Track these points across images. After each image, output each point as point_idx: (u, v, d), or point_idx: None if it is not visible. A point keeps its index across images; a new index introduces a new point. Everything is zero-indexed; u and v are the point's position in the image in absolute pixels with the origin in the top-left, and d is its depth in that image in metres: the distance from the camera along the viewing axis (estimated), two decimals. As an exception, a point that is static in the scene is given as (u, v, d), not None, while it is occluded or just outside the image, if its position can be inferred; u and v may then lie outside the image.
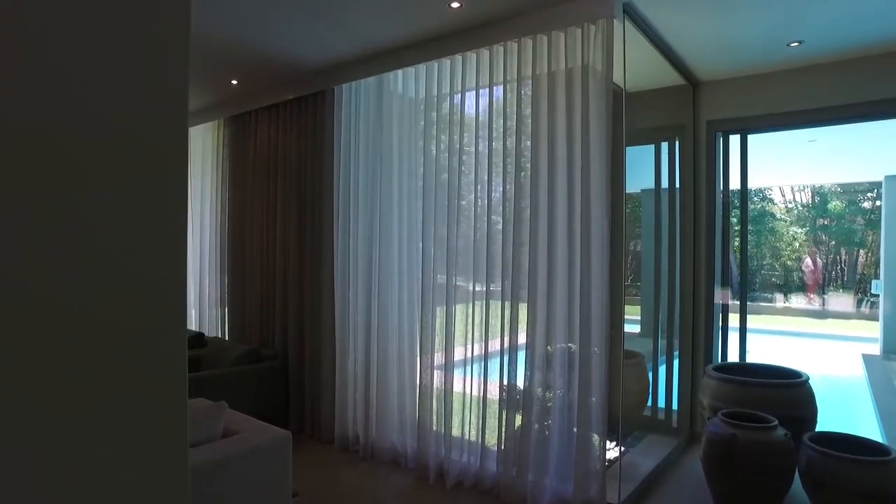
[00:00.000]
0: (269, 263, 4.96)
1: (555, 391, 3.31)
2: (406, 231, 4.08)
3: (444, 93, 3.82)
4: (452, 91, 3.76)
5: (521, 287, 3.42)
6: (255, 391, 4.47)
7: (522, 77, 3.40)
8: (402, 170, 4.10)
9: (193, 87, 4.79)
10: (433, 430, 3.79)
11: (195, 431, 2.64)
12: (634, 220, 8.02)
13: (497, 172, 3.58)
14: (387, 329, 4.10)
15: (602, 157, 3.13)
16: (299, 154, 4.67)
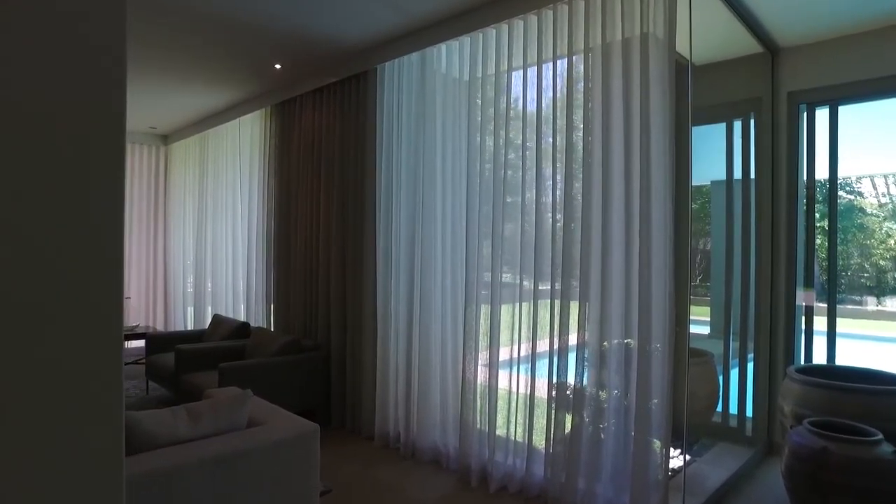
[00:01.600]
0: (313, 256, 4.84)
1: (610, 390, 2.97)
2: (450, 225, 3.84)
3: (489, 73, 3.56)
4: (498, 71, 3.49)
5: (571, 278, 3.11)
6: (297, 382, 4.35)
7: (573, 51, 3.09)
8: (446, 160, 3.86)
9: (237, 74, 4.75)
10: (476, 429, 3.53)
11: (217, 420, 2.50)
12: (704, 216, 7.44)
13: (546, 161, 3.28)
14: (429, 323, 3.87)
15: (664, 140, 2.78)
16: (342, 141, 4.52)
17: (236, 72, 4.72)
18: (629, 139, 2.89)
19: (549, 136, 3.26)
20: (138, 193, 7.21)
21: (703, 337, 5.91)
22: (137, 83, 5.11)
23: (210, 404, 2.54)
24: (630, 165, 2.89)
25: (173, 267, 7.25)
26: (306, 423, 2.69)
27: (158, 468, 2.17)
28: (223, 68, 4.64)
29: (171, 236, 7.33)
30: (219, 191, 6.31)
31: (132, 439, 2.32)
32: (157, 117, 6.41)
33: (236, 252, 5.99)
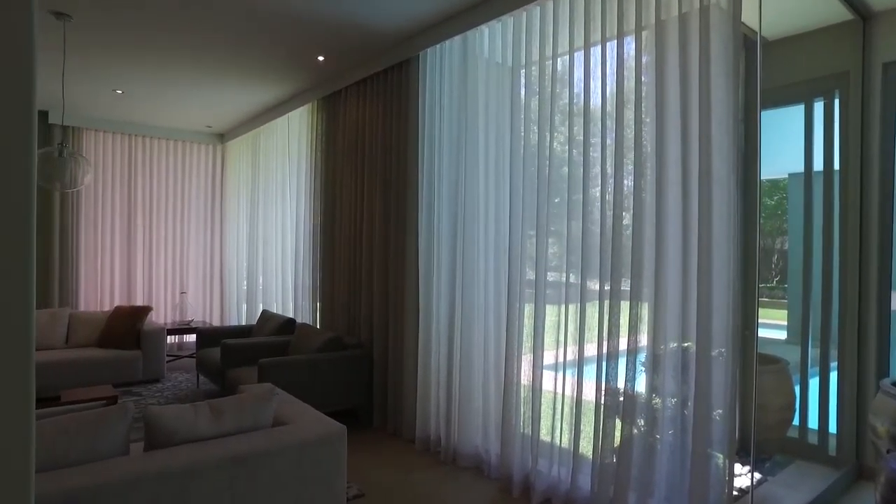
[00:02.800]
0: (356, 252, 4.74)
1: (666, 398, 2.67)
2: (493, 221, 3.63)
3: (533, 59, 3.32)
4: (542, 56, 3.25)
5: (622, 278, 2.84)
6: (338, 380, 4.25)
7: (624, 32, 2.81)
8: (489, 152, 3.65)
9: (282, 67, 4.71)
10: (519, 435, 3.30)
11: (241, 418, 2.40)
12: (781, 212, 6.84)
13: (595, 153, 3.00)
14: (471, 322, 3.67)
15: (728, 126, 2.47)
16: (384, 133, 4.39)
17: (281, 65, 4.68)
18: (687, 127, 2.59)
19: (597, 126, 2.99)
20: (196, 191, 7.39)
21: (778, 342, 5.38)
22: (191, 82, 5.19)
23: (234, 401, 2.44)
24: (688, 157, 2.58)
25: (229, 263, 7.39)
26: (333, 423, 2.55)
27: (172, 466, 2.07)
28: (268, 61, 4.62)
29: (226, 233, 7.47)
30: (269, 188, 6.35)
31: (151, 434, 2.24)
32: (212, 116, 6.52)
33: (285, 248, 6.00)
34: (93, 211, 6.65)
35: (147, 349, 5.51)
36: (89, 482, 1.93)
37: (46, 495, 1.84)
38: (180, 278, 7.26)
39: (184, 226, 7.28)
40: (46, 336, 5.33)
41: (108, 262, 6.77)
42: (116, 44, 4.26)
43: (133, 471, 2.01)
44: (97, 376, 5.20)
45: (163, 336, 5.61)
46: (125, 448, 2.20)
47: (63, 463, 2.03)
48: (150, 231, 7.02)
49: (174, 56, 4.49)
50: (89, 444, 2.08)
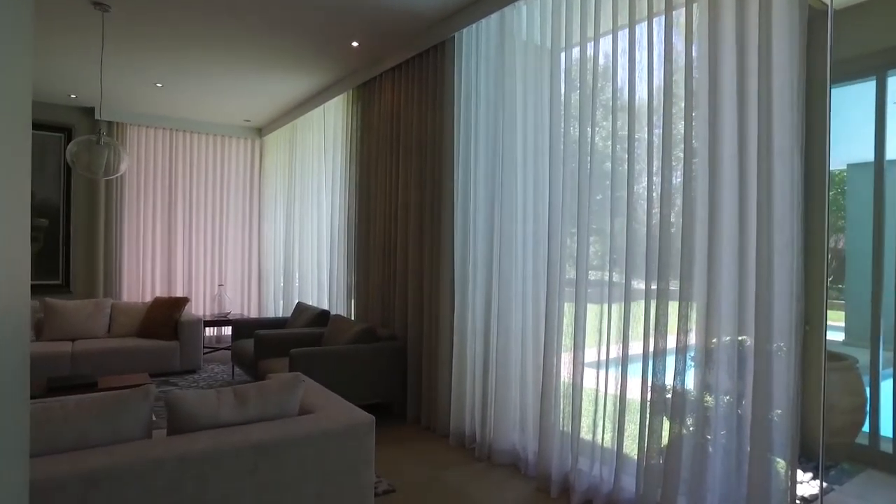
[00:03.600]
0: (390, 242, 4.64)
1: (719, 396, 2.45)
2: (531, 214, 3.45)
3: (573, 40, 3.14)
4: (583, 37, 3.06)
5: (670, 275, 2.64)
6: (372, 373, 4.15)
7: (672, 5, 2.60)
8: (527, 141, 3.48)
9: (316, 54, 4.64)
10: (559, 432, 3.13)
11: (265, 405, 2.31)
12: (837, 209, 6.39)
13: (641, 146, 2.80)
14: (508, 315, 3.50)
15: (791, 109, 2.24)
16: (419, 122, 4.27)
17: (315, 52, 4.62)
18: (744, 116, 2.37)
19: (642, 119, 2.79)
20: (234, 186, 7.45)
21: (835, 343, 5.01)
22: (228, 72, 5.19)
23: (258, 388, 2.35)
24: (745, 147, 2.37)
25: (266, 257, 7.42)
26: (361, 413, 2.43)
27: (192, 451, 1.99)
28: (302, 49, 4.56)
29: (264, 226, 7.51)
30: (305, 180, 6.33)
31: (173, 419, 2.17)
32: (250, 109, 6.55)
33: (321, 241, 5.96)
34: (135, 205, 6.77)
35: (184, 340, 5.55)
36: (108, 464, 1.86)
37: (64, 475, 1.78)
38: (219, 271, 7.33)
39: (223, 219, 7.35)
40: (89, 325, 5.43)
41: (150, 255, 6.88)
42: (154, 35, 4.27)
43: (152, 454, 1.93)
44: (136, 365, 5.26)
45: (199, 327, 5.64)
46: (147, 432, 2.14)
47: (84, 444, 1.98)
48: (190, 225, 7.11)
49: (210, 46, 4.48)
50: (110, 426, 2.02)
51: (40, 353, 4.91)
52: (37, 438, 1.91)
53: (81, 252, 6.54)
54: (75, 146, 3.72)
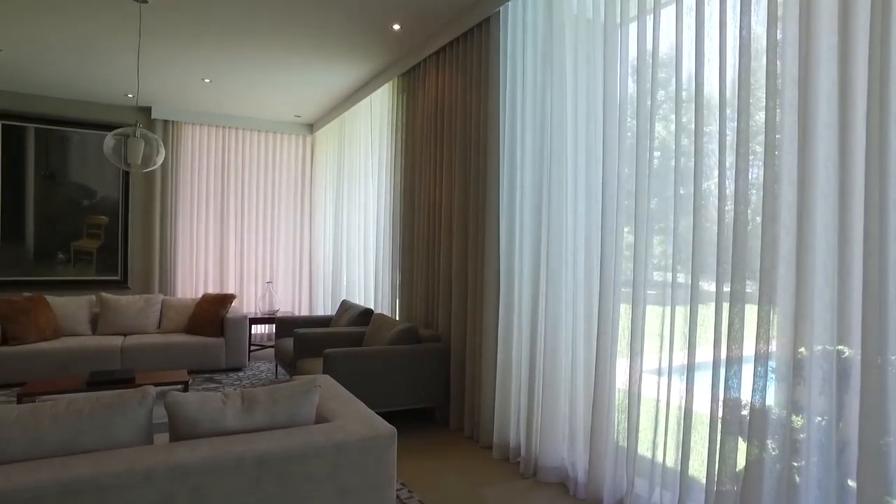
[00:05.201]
0: (434, 238, 4.37)
1: (809, 416, 2.01)
2: (584, 213, 3.08)
3: (630, 15, 2.76)
4: (642, 8, 2.68)
5: (747, 277, 2.23)
6: (413, 376, 3.89)
7: None
8: (578, 128, 3.11)
9: (358, 40, 4.43)
10: (613, 447, 2.76)
11: (274, 411, 2.08)
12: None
13: (712, 139, 2.40)
14: (557, 318, 3.15)
15: None
16: (463, 109, 3.98)
17: (357, 38, 4.43)
18: (847, 107, 1.92)
19: (714, 107, 2.39)
20: (286, 182, 7.42)
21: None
22: (272, 64, 5.10)
23: (269, 392, 2.13)
24: (847, 137, 1.92)
25: (316, 254, 7.35)
26: (381, 424, 2.16)
27: (188, 461, 1.78)
28: (344, 35, 4.39)
29: (315, 223, 7.44)
30: (353, 176, 6.18)
31: (173, 424, 1.98)
32: (299, 104, 6.47)
33: (367, 237, 5.78)
34: (189, 202, 6.85)
35: (230, 337, 5.51)
36: (92, 472, 1.68)
37: (43, 484, 1.61)
38: (270, 268, 7.32)
39: (274, 217, 7.34)
40: (140, 321, 5.48)
41: (203, 252, 6.94)
42: (193, 25, 4.20)
43: (142, 463, 1.74)
44: (182, 362, 5.25)
45: (245, 324, 5.58)
46: (146, 438, 1.95)
47: (74, 449, 1.81)
48: (241, 222, 7.13)
49: (250, 36, 4.37)
50: (104, 430, 1.85)
51: (93, 347, 4.98)
52: (19, 441, 1.75)
53: (138, 248, 6.67)
54: (112, 139, 3.67)
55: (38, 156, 6.22)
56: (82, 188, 6.41)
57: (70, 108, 6.35)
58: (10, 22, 4.19)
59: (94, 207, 6.45)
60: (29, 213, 6.19)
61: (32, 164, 6.20)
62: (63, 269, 6.34)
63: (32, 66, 5.23)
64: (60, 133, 6.31)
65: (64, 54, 4.89)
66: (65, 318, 5.27)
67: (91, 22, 4.15)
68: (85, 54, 4.88)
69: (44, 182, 6.25)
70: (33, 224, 6.21)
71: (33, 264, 6.22)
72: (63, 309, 5.29)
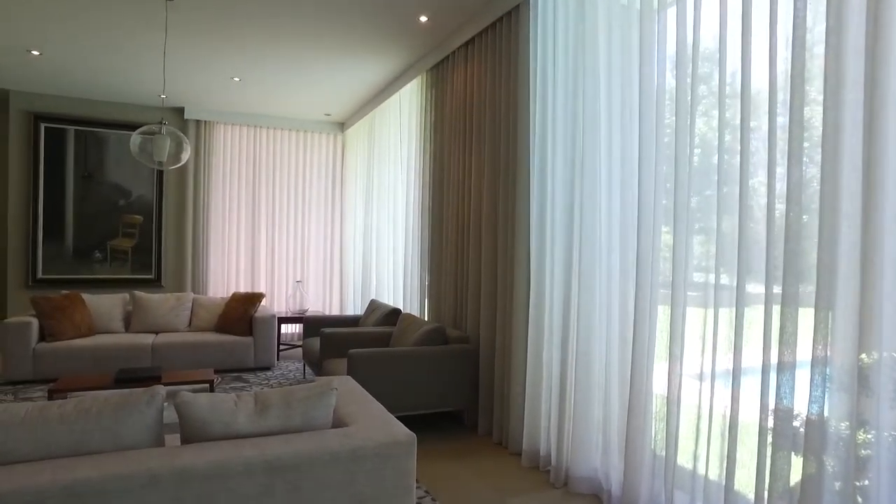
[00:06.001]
0: (463, 238, 4.24)
1: (877, 430, 1.80)
2: (618, 211, 2.91)
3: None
4: None
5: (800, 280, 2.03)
6: (440, 377, 3.77)
7: None
8: (612, 120, 2.94)
9: (386, 35, 4.34)
10: (650, 457, 2.57)
11: (288, 415, 1.98)
12: None
13: (757, 131, 2.21)
14: (590, 319, 2.98)
15: None
16: (492, 103, 3.83)
17: (385, 33, 4.33)
18: None
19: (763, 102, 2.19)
20: (317, 181, 7.40)
21: None
22: (300, 61, 5.06)
23: (283, 394, 2.04)
24: None
25: (347, 253, 7.30)
26: (400, 430, 2.04)
27: (193, 466, 1.70)
28: (371, 29, 4.30)
29: (345, 222, 7.40)
30: (382, 174, 6.10)
31: (183, 426, 1.90)
32: (329, 102, 6.43)
33: (396, 235, 5.69)
34: (221, 202, 6.89)
35: (259, 336, 5.49)
36: (95, 475, 1.61)
37: (43, 486, 1.55)
38: (301, 268, 7.31)
39: (305, 216, 7.33)
40: (171, 319, 5.52)
41: (235, 251, 6.98)
42: (219, 25, 4.17)
43: (147, 467, 1.66)
44: (211, 360, 5.26)
45: (273, 323, 5.56)
46: (157, 439, 1.88)
47: (82, 450, 1.75)
48: (272, 221, 7.14)
49: (278, 34, 4.32)
50: (111, 430, 1.78)
51: (125, 345, 5.03)
52: (26, 441, 1.70)
53: (172, 247, 6.75)
54: (139, 137, 3.67)
55: (77, 157, 6.36)
56: (118, 188, 6.52)
57: (107, 109, 6.47)
58: (46, 24, 4.25)
59: (129, 207, 6.56)
60: (68, 213, 6.33)
61: (72, 165, 6.34)
62: (100, 267, 6.46)
63: (70, 68, 5.33)
64: (98, 134, 6.43)
65: (99, 56, 4.95)
66: (99, 316, 5.34)
67: (120, 22, 4.17)
68: (118, 56, 4.93)
69: (82, 182, 6.38)
70: (72, 223, 6.35)
71: (72, 262, 6.36)
72: (98, 307, 5.37)
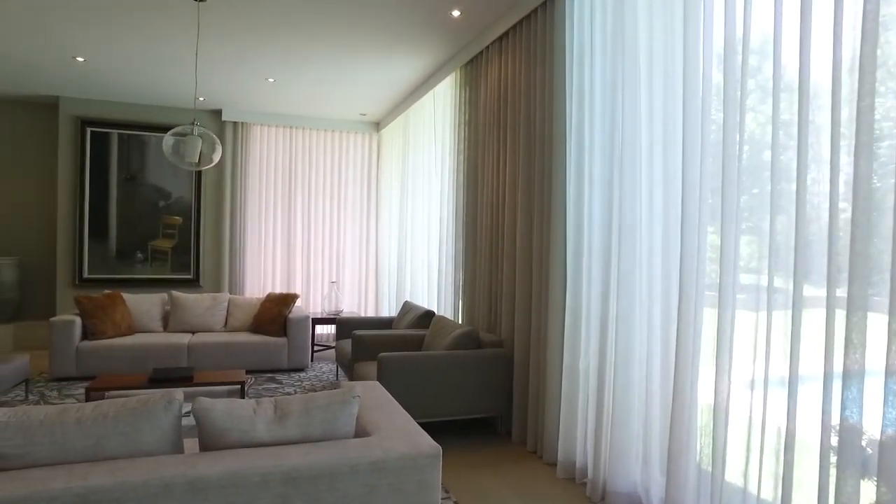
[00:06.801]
0: (498, 238, 4.11)
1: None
2: (660, 209, 2.74)
3: None
4: None
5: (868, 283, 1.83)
6: (473, 382, 3.65)
7: None
8: (653, 112, 2.77)
9: (418, 31, 4.25)
10: (695, 470, 2.39)
11: (308, 423, 1.90)
12: None
13: (815, 125, 2.02)
14: (629, 324, 2.81)
15: None
16: (527, 98, 3.69)
17: (417, 28, 4.25)
18: None
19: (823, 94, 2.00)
20: (353, 181, 7.38)
21: None
22: (333, 60, 5.03)
23: (303, 401, 1.96)
24: None
25: (383, 253, 7.26)
26: (425, 441, 1.94)
27: (207, 475, 1.63)
28: (402, 25, 4.22)
29: (381, 223, 7.36)
30: (417, 173, 6.03)
31: (201, 432, 1.85)
32: (363, 102, 6.40)
33: (430, 236, 5.60)
34: (257, 202, 6.95)
35: (293, 337, 5.49)
36: (107, 482, 1.56)
37: (55, 492, 1.51)
38: (337, 268, 7.31)
39: (340, 216, 7.32)
40: (207, 319, 5.58)
41: (271, 251, 7.03)
42: (251, 25, 4.16)
43: (160, 475, 1.61)
44: (246, 360, 5.28)
45: (307, 324, 5.55)
46: (174, 445, 1.83)
47: (98, 454, 1.71)
48: (308, 221, 7.16)
49: (308, 33, 4.29)
50: (127, 436, 1.73)
51: (162, 344, 5.10)
52: (43, 444, 1.66)
53: (210, 248, 6.85)
54: (171, 138, 3.69)
55: (120, 159, 6.52)
56: (158, 190, 6.65)
57: (148, 112, 6.61)
58: (87, 29, 4.33)
59: (169, 208, 6.68)
60: (112, 214, 6.49)
61: (115, 168, 6.50)
62: (141, 267, 6.61)
63: (112, 73, 5.45)
64: (140, 137, 6.57)
65: (136, 60, 5.04)
66: (139, 315, 5.44)
67: (153, 24, 4.21)
68: (155, 58, 5.00)
69: (125, 184, 6.54)
70: (116, 224, 6.51)
71: (115, 263, 6.52)
72: (137, 306, 5.47)
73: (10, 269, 6.29)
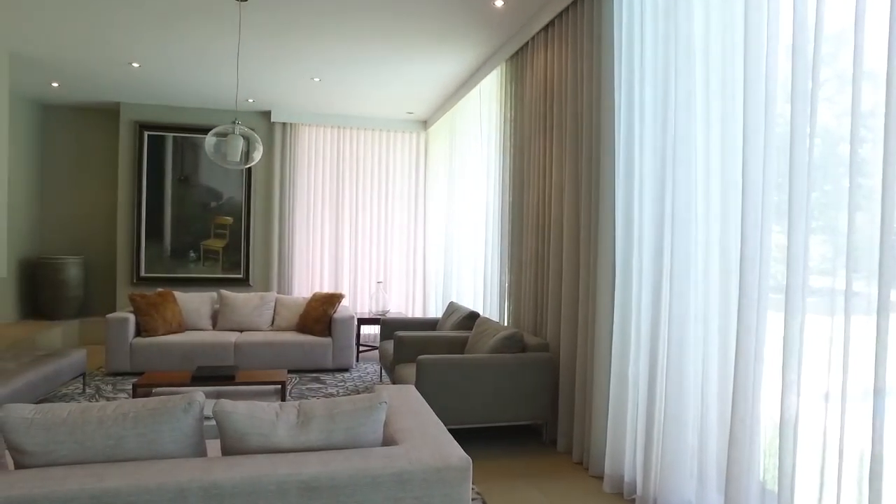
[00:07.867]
0: (544, 237, 3.94)
1: None
2: (718, 206, 2.51)
3: None
4: None
5: None
6: (516, 388, 3.50)
7: None
8: (710, 105, 2.54)
9: (461, 23, 4.12)
10: (758, 490, 2.16)
11: (331, 429, 1.81)
12: None
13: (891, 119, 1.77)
14: (683, 330, 2.59)
15: None
16: (574, 90, 3.50)
17: (459, 21, 4.12)
18: None
19: None
20: (400, 180, 7.33)
21: None
22: (378, 58, 4.98)
23: (327, 406, 1.87)
24: None
25: (430, 253, 7.18)
26: (454, 452, 1.81)
27: (222, 481, 1.56)
28: (446, 19, 4.12)
29: (428, 222, 7.28)
30: (464, 171, 5.91)
31: (223, 437, 1.78)
32: (410, 100, 6.34)
33: (477, 235, 5.46)
34: (306, 202, 7.01)
35: (337, 337, 5.47)
36: (121, 485, 1.53)
37: (70, 494, 1.47)
38: (384, 268, 7.28)
39: (388, 216, 7.29)
40: (254, 318, 5.64)
41: (319, 251, 7.07)
42: (294, 24, 4.15)
43: (175, 480, 1.55)
44: (291, 360, 5.30)
45: (352, 324, 5.52)
46: (195, 447, 1.77)
47: (118, 455, 1.67)
48: (355, 221, 7.17)
49: (352, 31, 4.24)
50: (147, 437, 1.69)
51: (210, 342, 5.18)
52: (65, 443, 1.64)
53: (259, 248, 6.96)
54: (213, 138, 3.71)
55: (174, 161, 6.71)
56: (210, 191, 6.81)
57: (199, 115, 6.79)
58: (140, 36, 4.44)
59: (220, 209, 6.83)
60: (167, 215, 6.69)
61: (170, 170, 6.70)
62: (194, 266, 6.78)
63: (165, 77, 5.60)
64: (192, 139, 6.75)
65: (186, 63, 5.15)
66: (189, 313, 5.56)
67: (199, 27, 4.27)
68: (203, 61, 5.09)
69: (178, 185, 6.73)
70: (170, 224, 6.71)
71: (170, 262, 6.72)
72: (188, 304, 5.59)
73: (77, 268, 6.59)
